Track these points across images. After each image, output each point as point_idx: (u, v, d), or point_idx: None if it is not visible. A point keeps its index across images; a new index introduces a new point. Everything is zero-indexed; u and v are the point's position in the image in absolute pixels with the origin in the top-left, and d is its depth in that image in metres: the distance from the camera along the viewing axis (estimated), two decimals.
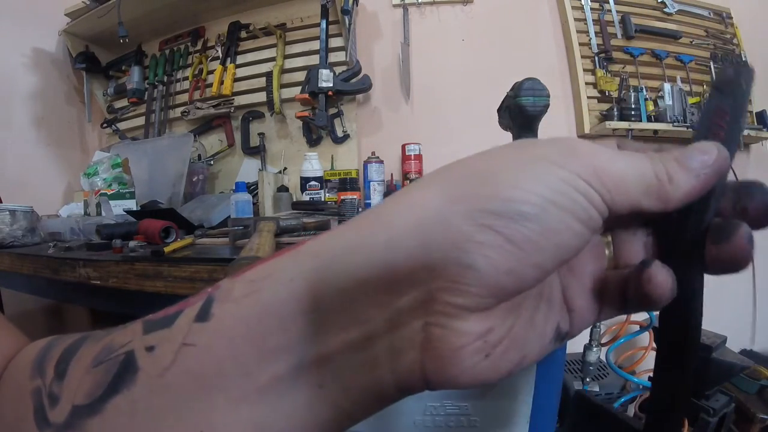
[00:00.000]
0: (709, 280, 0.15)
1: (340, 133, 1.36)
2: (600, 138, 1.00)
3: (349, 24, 1.28)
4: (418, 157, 1.25)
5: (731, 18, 1.37)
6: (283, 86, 1.37)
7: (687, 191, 0.14)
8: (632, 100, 1.24)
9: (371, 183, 1.21)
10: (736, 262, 0.14)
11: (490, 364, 0.14)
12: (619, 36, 1.31)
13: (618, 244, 0.17)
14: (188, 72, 1.51)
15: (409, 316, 0.14)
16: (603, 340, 1.03)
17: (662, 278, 0.14)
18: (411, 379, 0.14)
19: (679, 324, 0.16)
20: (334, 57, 1.33)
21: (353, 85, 1.29)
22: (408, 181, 1.24)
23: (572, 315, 0.17)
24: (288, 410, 0.14)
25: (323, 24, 1.29)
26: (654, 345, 1.00)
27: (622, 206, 0.14)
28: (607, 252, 0.17)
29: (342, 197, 1.15)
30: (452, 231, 0.13)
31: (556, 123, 1.28)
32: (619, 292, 0.16)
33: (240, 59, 1.44)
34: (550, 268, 0.14)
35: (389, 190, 1.24)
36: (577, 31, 1.29)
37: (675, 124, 1.23)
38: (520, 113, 0.57)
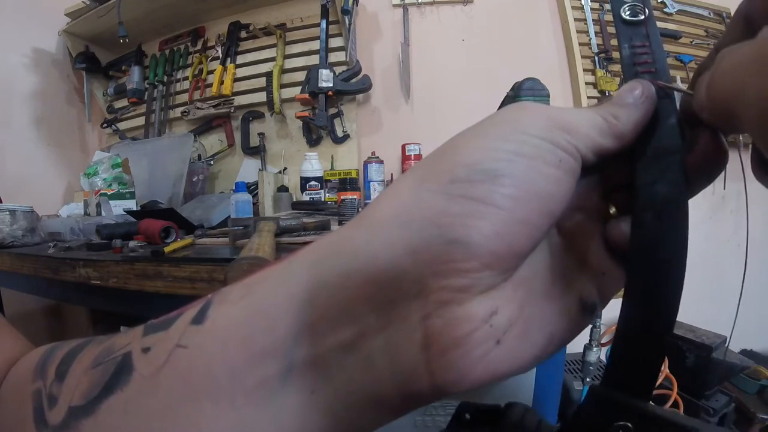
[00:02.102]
0: (709, 280, 0.15)
1: (340, 133, 1.36)
2: None
3: (349, 24, 1.27)
4: (418, 158, 1.25)
5: (731, 18, 1.37)
6: (283, 86, 1.37)
7: (634, 121, 0.15)
8: None
9: (371, 183, 1.21)
10: (714, 154, 0.15)
11: (506, 352, 0.13)
12: None
13: (615, 201, 0.17)
14: (188, 72, 1.51)
15: (402, 309, 0.13)
16: (603, 340, 1.03)
17: (618, 228, 0.15)
18: (414, 382, 0.13)
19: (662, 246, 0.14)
20: (334, 57, 1.33)
21: (353, 85, 1.29)
22: None
23: (601, 280, 0.16)
24: (276, 416, 0.14)
25: (323, 24, 1.29)
26: None
27: (586, 148, 0.15)
28: (611, 210, 0.17)
29: (342, 197, 1.15)
30: (427, 210, 0.13)
31: None
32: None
33: (240, 59, 1.44)
34: (539, 223, 0.14)
35: None
36: (577, 31, 1.29)
37: None
38: None
